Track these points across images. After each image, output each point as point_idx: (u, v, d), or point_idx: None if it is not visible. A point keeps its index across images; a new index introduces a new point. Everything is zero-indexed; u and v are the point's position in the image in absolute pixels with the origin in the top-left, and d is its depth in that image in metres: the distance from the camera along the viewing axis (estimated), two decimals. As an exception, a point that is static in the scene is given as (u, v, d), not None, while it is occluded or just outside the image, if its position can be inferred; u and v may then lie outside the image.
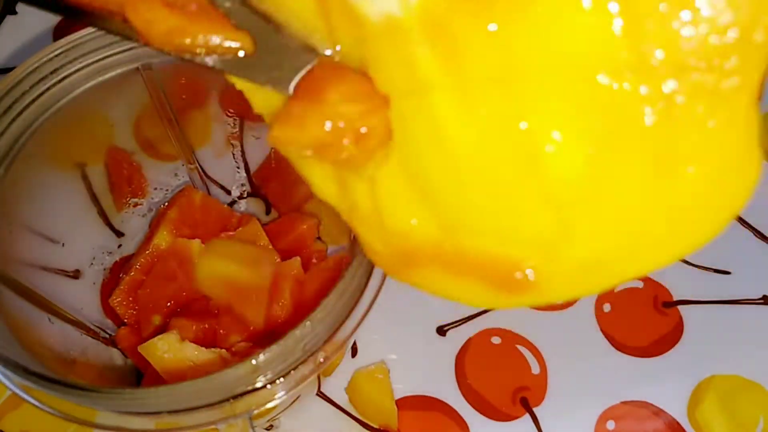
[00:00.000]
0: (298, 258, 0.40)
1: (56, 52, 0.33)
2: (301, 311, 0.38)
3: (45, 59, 0.33)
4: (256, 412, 0.31)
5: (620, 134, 0.18)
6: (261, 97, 0.23)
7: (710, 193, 0.19)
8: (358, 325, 0.32)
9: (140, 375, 0.40)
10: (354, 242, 0.33)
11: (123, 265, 0.42)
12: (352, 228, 0.24)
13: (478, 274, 0.22)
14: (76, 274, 0.41)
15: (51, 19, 0.57)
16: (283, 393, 0.31)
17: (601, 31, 0.18)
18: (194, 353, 0.35)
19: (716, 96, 0.18)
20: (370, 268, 0.32)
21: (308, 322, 0.29)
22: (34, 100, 0.34)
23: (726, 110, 0.18)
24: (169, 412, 0.29)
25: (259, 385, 0.29)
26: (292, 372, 0.30)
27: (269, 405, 0.31)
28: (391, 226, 0.22)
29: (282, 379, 0.30)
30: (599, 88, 0.18)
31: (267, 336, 0.38)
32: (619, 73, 0.18)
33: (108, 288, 0.42)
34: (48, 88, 0.34)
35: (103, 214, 0.42)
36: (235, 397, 0.29)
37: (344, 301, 0.31)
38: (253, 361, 0.28)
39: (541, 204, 0.20)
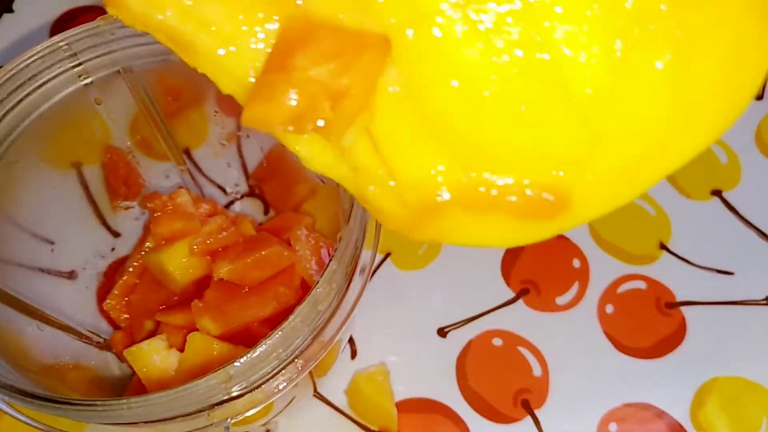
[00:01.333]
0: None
1: (33, 59, 0.33)
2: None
3: (22, 66, 0.33)
4: (233, 421, 0.30)
5: (637, 30, 0.18)
6: (226, 76, 0.22)
7: (731, 68, 0.19)
8: (340, 329, 0.32)
9: (137, 379, 0.39)
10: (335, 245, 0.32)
11: (118, 267, 0.42)
12: (357, 198, 0.22)
13: (508, 208, 0.21)
14: (71, 276, 0.40)
15: (48, 17, 0.56)
16: (263, 402, 0.30)
17: None
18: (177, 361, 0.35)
19: None
20: (350, 271, 0.31)
21: (280, 331, 0.28)
22: (12, 108, 0.33)
23: None
24: (146, 422, 0.29)
25: (234, 394, 0.29)
26: (270, 380, 0.30)
27: (247, 414, 0.31)
28: (408, 180, 0.21)
29: (261, 387, 0.29)
30: None
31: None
32: None
33: (103, 291, 0.41)
34: (27, 95, 0.33)
35: (99, 214, 0.42)
36: (212, 406, 0.29)
37: (321, 308, 0.30)
38: (227, 371, 0.28)
39: (569, 118, 0.19)
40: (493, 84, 0.19)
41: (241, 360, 0.28)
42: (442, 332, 0.44)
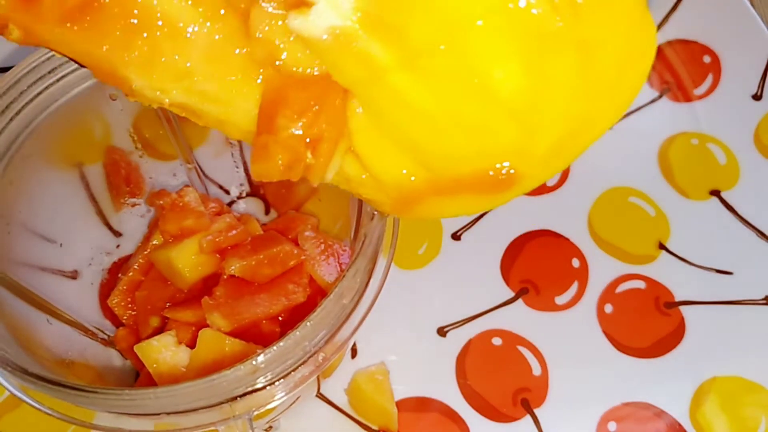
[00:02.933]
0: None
1: (52, 53, 0.33)
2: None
3: (43, 59, 0.33)
4: (256, 413, 0.31)
5: (543, 43, 0.22)
6: (231, 129, 0.27)
7: (627, 55, 0.24)
8: (359, 325, 0.32)
9: (138, 376, 0.39)
10: (354, 241, 0.33)
11: (122, 265, 0.42)
12: (354, 194, 0.28)
13: (470, 189, 0.26)
14: (73, 275, 0.40)
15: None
16: (282, 394, 0.31)
17: None
18: (188, 357, 0.35)
19: None
20: (371, 266, 0.32)
21: (308, 323, 0.29)
22: (31, 100, 0.33)
23: None
24: (169, 414, 0.29)
25: (258, 386, 0.29)
26: (292, 373, 0.30)
27: (269, 406, 0.31)
28: (387, 181, 0.27)
29: (282, 380, 0.30)
30: (516, 15, 0.22)
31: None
32: None
33: (107, 288, 0.42)
34: (46, 88, 0.34)
35: (101, 214, 0.42)
36: (235, 398, 0.29)
37: (344, 301, 0.31)
38: (253, 362, 0.28)
39: (503, 119, 0.24)
40: (437, 107, 0.24)
41: (268, 352, 0.28)
42: (442, 332, 0.44)
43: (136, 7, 0.24)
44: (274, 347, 0.28)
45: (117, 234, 0.43)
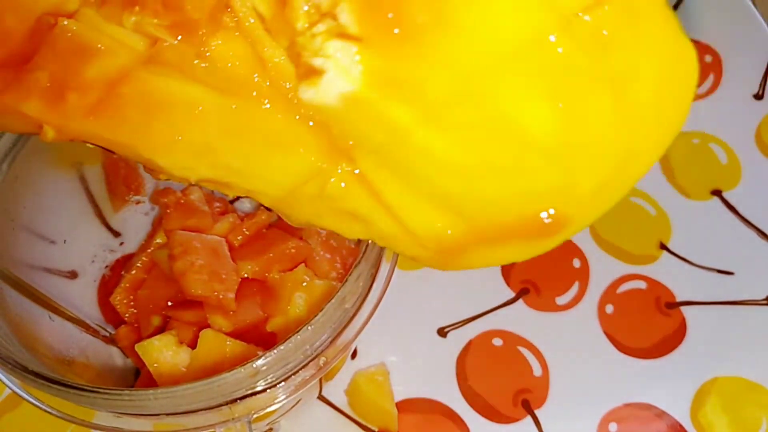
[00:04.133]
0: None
1: None
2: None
3: None
4: (256, 415, 0.31)
5: (572, 81, 0.21)
6: (262, 198, 0.27)
7: (666, 81, 0.22)
8: (362, 329, 0.32)
9: (139, 374, 0.39)
10: (358, 244, 0.32)
11: (125, 263, 0.42)
12: (392, 250, 0.28)
13: (516, 235, 0.24)
14: (76, 272, 0.40)
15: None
16: (283, 397, 0.31)
17: (521, 9, 0.20)
18: (189, 357, 0.35)
19: (631, 11, 0.20)
20: (374, 271, 0.32)
21: (310, 326, 0.29)
22: None
23: (645, 18, 0.21)
24: (168, 414, 0.29)
25: (259, 388, 0.29)
26: (293, 376, 0.30)
27: (269, 409, 0.31)
28: (424, 236, 0.25)
29: (283, 383, 0.30)
30: (539, 56, 0.21)
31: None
32: (548, 35, 0.20)
33: (108, 286, 0.41)
34: None
35: (100, 215, 0.42)
36: (235, 400, 0.29)
37: (347, 305, 0.31)
38: (254, 365, 0.28)
39: (540, 163, 0.23)
40: (468, 158, 0.23)
41: (269, 355, 0.28)
42: (442, 332, 0.44)
43: (149, 93, 0.24)
44: (275, 350, 0.28)
45: (116, 234, 0.43)
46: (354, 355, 0.43)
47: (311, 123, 0.25)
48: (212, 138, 0.25)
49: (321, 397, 0.42)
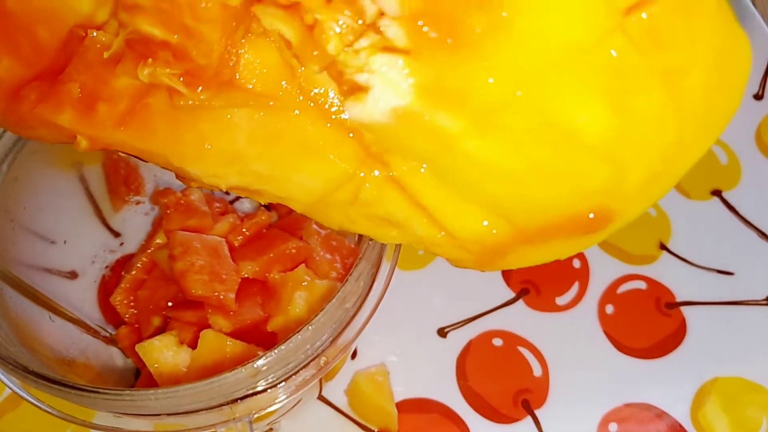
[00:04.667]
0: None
1: None
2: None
3: None
4: (256, 415, 0.31)
5: (626, 79, 0.21)
6: (295, 204, 0.27)
7: (719, 73, 0.22)
8: (362, 329, 0.32)
9: (139, 375, 0.39)
10: (358, 245, 0.32)
11: (125, 263, 0.42)
12: (426, 251, 0.27)
13: (561, 233, 0.24)
14: (76, 273, 0.40)
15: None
16: (284, 397, 0.31)
17: (579, 11, 0.20)
18: (189, 357, 0.35)
19: (684, 5, 0.20)
20: (375, 270, 0.32)
21: (310, 326, 0.29)
22: None
23: (698, 11, 0.21)
24: (169, 414, 0.29)
25: (260, 388, 0.29)
26: (294, 376, 0.30)
27: (270, 409, 0.31)
28: (466, 239, 0.25)
29: (283, 383, 0.30)
30: (594, 56, 0.20)
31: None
32: (604, 35, 0.20)
33: (108, 287, 0.42)
34: None
35: (99, 215, 0.42)
36: (235, 400, 0.29)
37: (347, 305, 0.31)
38: (254, 365, 0.28)
39: (591, 162, 0.23)
40: (517, 163, 0.23)
41: (269, 355, 0.28)
42: (442, 332, 0.44)
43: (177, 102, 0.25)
44: (275, 351, 0.28)
45: (116, 234, 0.43)
46: (354, 355, 0.43)
47: (342, 130, 0.25)
48: (241, 146, 0.25)
49: (321, 397, 0.42)
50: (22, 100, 0.25)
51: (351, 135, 0.25)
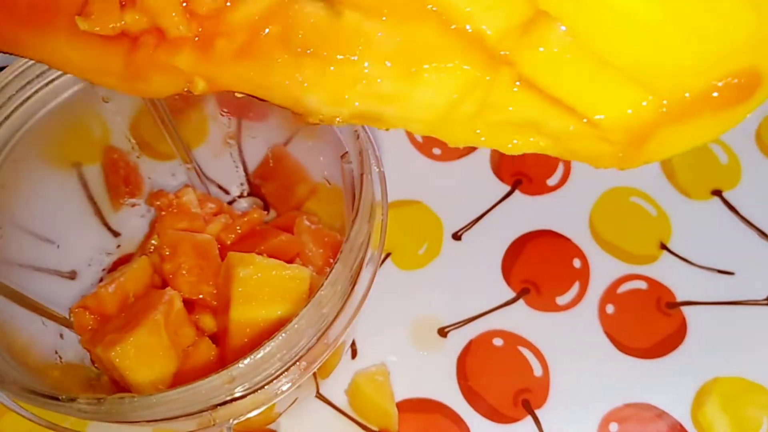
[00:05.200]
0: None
1: None
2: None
3: (30, 63, 0.33)
4: (236, 421, 0.30)
5: None
6: (415, 125, 0.26)
7: None
8: (343, 332, 0.31)
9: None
10: (344, 244, 0.32)
11: (123, 264, 0.42)
12: (562, 156, 0.26)
13: (708, 107, 0.23)
14: (72, 275, 0.40)
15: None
16: (266, 403, 0.30)
17: None
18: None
19: None
20: (354, 274, 0.31)
21: (283, 334, 0.28)
22: (21, 104, 0.33)
23: None
24: (149, 422, 0.29)
25: (237, 395, 0.29)
26: (274, 381, 0.30)
27: (250, 415, 0.31)
28: (609, 121, 0.24)
29: (262, 389, 0.29)
30: None
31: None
32: None
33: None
34: (35, 92, 0.34)
35: (99, 214, 0.42)
36: (215, 406, 0.29)
37: (324, 311, 0.30)
38: (230, 372, 0.28)
39: (741, 10, 0.22)
40: (664, 14, 0.22)
41: (244, 361, 0.28)
42: (442, 332, 0.44)
43: (296, 28, 0.24)
44: (249, 358, 0.28)
45: (116, 234, 0.43)
46: (354, 355, 0.43)
47: (464, 38, 0.24)
48: (364, 65, 0.25)
49: (321, 397, 0.42)
50: (141, 46, 0.25)
51: (471, 37, 0.24)
